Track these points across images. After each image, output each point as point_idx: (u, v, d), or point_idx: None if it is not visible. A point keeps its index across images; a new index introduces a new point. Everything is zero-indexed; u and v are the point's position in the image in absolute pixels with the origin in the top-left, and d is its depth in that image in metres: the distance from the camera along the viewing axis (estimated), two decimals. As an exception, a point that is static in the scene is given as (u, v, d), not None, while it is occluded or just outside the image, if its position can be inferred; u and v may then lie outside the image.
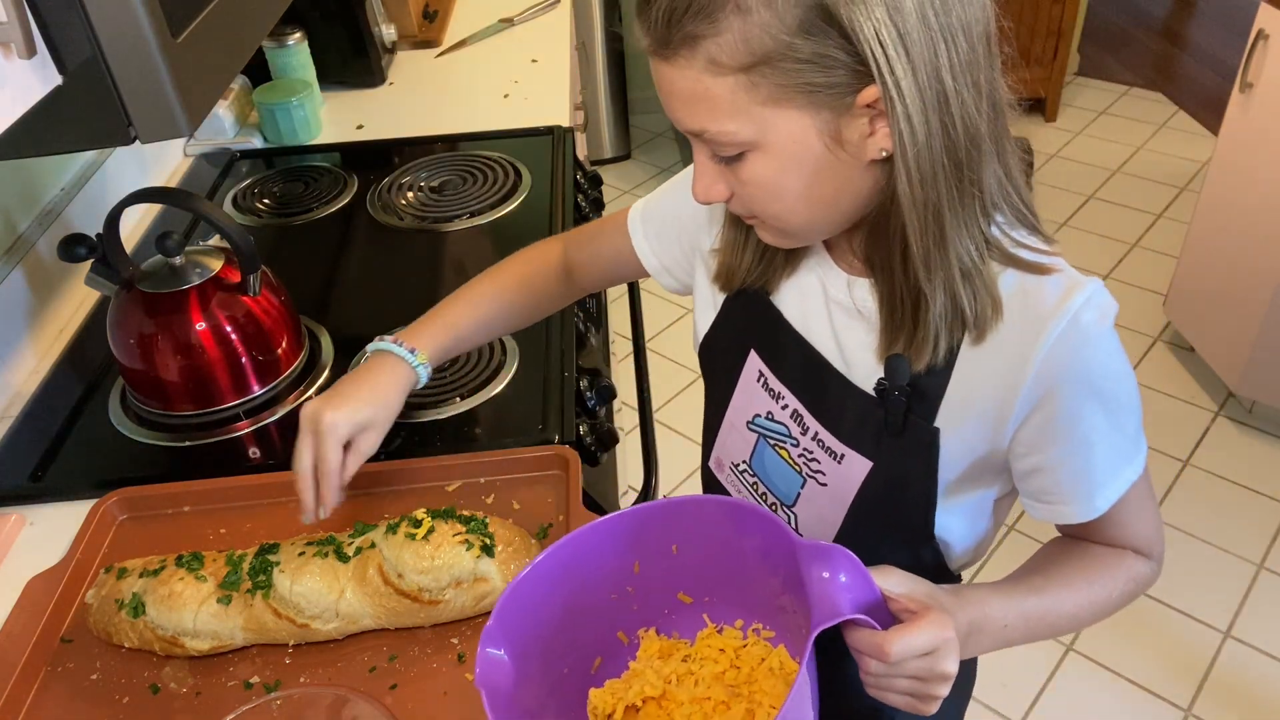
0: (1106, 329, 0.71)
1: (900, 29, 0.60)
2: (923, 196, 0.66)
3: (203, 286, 1.13)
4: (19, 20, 0.67)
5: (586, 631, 0.79)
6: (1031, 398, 0.71)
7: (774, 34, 0.61)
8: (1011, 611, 0.75)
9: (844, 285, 0.78)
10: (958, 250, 0.68)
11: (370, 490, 1.05)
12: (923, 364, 0.73)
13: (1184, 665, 1.94)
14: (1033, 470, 0.76)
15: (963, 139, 0.65)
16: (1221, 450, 2.39)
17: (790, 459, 0.86)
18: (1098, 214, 3.25)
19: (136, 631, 0.88)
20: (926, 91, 0.62)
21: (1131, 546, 0.80)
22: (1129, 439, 0.75)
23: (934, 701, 0.68)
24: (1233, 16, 4.46)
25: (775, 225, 0.73)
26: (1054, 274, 0.71)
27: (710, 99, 0.65)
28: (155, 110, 0.76)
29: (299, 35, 1.80)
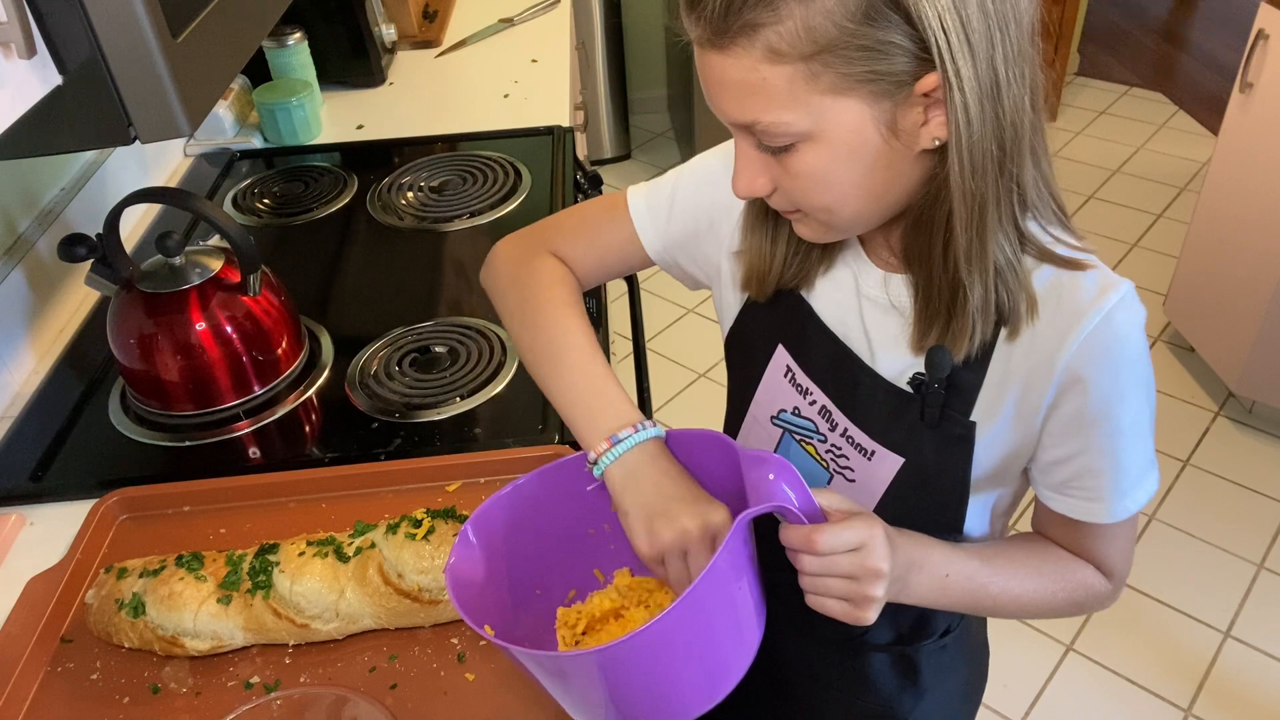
0: (1138, 330, 0.71)
1: (962, 15, 0.60)
2: (973, 187, 0.65)
3: (203, 286, 1.13)
4: (19, 20, 0.67)
5: (562, 562, 0.81)
6: (1062, 388, 0.72)
7: (838, 21, 0.59)
8: (955, 565, 0.76)
9: (878, 281, 0.78)
10: (998, 242, 0.68)
11: (370, 490, 1.05)
12: (960, 356, 0.72)
13: (1184, 665, 1.94)
14: (1056, 461, 0.76)
15: (1009, 130, 0.65)
16: (1221, 450, 2.39)
17: (817, 455, 0.85)
18: (1098, 214, 3.25)
19: (136, 631, 0.88)
20: (984, 80, 0.62)
21: (1097, 563, 0.80)
22: (1149, 453, 0.76)
23: (871, 605, 0.69)
24: (1233, 16, 4.46)
25: (822, 219, 0.72)
26: (1089, 270, 0.71)
27: (766, 89, 0.63)
28: (155, 110, 0.76)
29: (299, 35, 1.80)
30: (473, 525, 0.77)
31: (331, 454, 1.12)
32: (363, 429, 1.14)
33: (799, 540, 0.68)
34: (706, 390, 2.60)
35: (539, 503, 0.79)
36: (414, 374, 1.21)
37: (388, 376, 1.21)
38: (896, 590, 0.72)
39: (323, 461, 1.11)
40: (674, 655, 0.66)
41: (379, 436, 1.13)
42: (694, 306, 2.86)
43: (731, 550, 0.65)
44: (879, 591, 0.68)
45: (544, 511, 0.80)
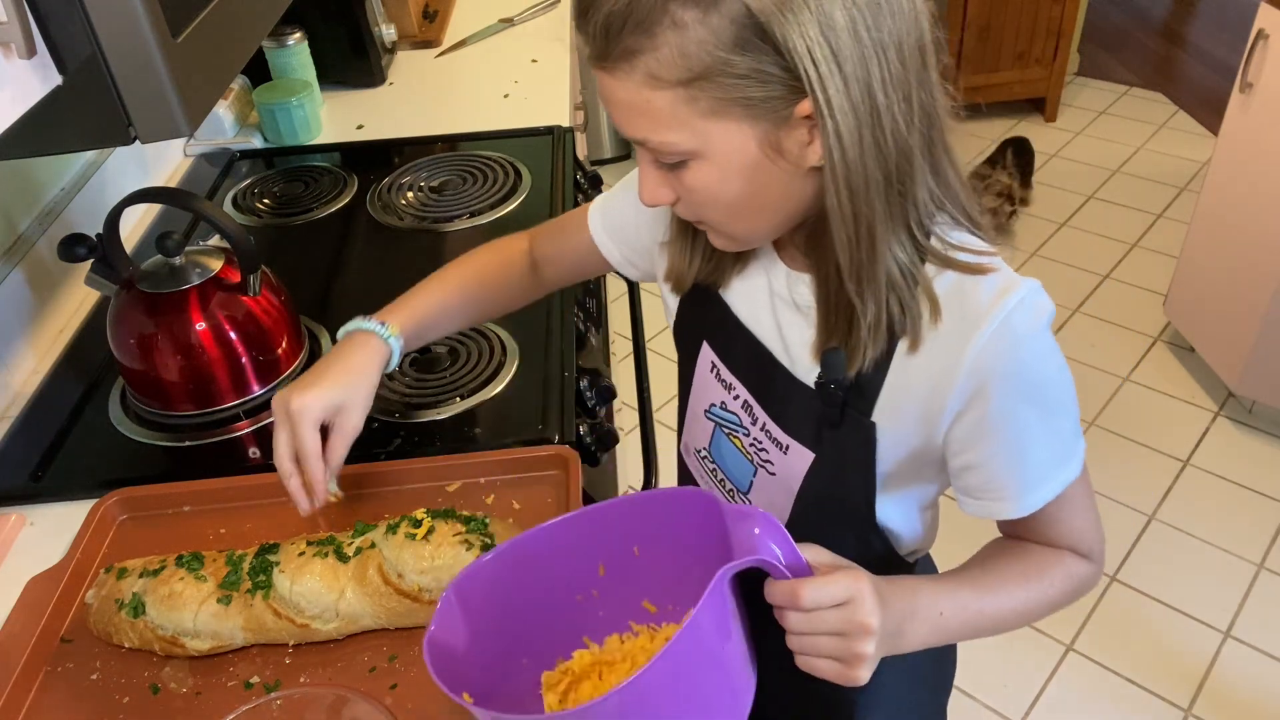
0: (1040, 330, 0.71)
1: (833, 45, 0.61)
2: (852, 209, 0.67)
3: (203, 286, 1.13)
4: (19, 20, 0.67)
5: (549, 630, 0.80)
6: (964, 395, 0.72)
7: (710, 50, 0.61)
8: (945, 601, 0.75)
9: (787, 281, 0.80)
10: (889, 261, 0.70)
11: (370, 490, 1.05)
12: (854, 366, 0.74)
13: (1184, 665, 1.94)
14: (966, 467, 0.77)
15: (894, 153, 0.66)
16: (1221, 450, 2.39)
17: (743, 448, 0.87)
18: (1098, 214, 3.25)
19: (136, 631, 0.88)
20: (859, 107, 0.64)
21: (1069, 546, 0.80)
22: (1064, 440, 0.76)
23: (863, 664, 0.67)
24: (1233, 16, 4.46)
25: (722, 230, 0.75)
26: (990, 274, 0.72)
27: (650, 111, 0.66)
28: (155, 110, 0.76)
29: (299, 35, 1.80)
30: (455, 589, 0.74)
31: (331, 454, 1.12)
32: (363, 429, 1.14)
33: (784, 595, 0.66)
34: (706, 390, 2.58)
35: (524, 567, 0.77)
36: (414, 374, 1.21)
37: (388, 376, 1.21)
38: (892, 644, 0.71)
39: (323, 461, 1.10)
40: (658, 712, 0.64)
41: (379, 436, 1.13)
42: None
43: (712, 605, 0.63)
44: (869, 648, 0.67)
45: (529, 576, 0.78)
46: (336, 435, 0.90)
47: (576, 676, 0.78)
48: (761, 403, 0.83)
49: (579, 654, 0.80)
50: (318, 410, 0.87)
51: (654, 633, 0.81)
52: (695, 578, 0.74)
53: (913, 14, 0.66)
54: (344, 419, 0.90)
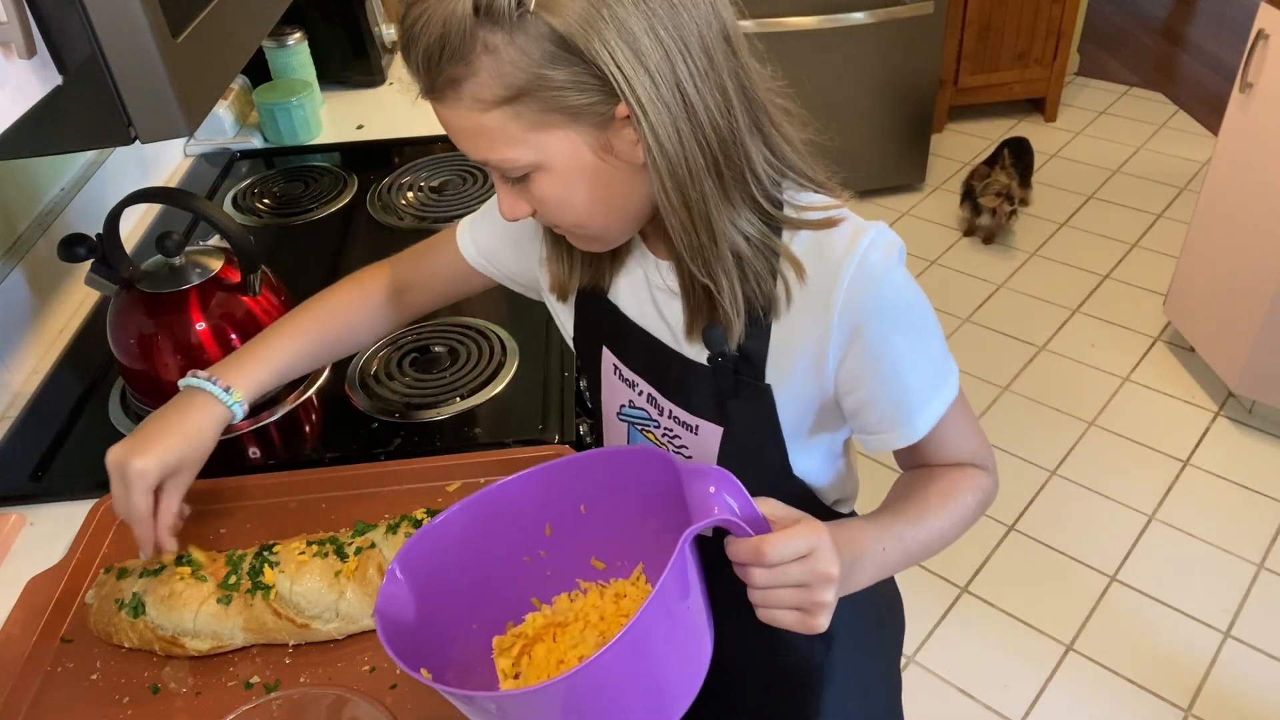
0: (894, 263, 0.75)
1: (634, 49, 0.65)
2: (680, 199, 0.70)
3: (203, 286, 1.13)
4: (19, 20, 0.67)
5: (499, 593, 0.81)
6: (840, 340, 0.76)
7: (524, 68, 0.65)
8: (885, 537, 0.78)
9: (659, 271, 0.83)
10: (736, 238, 0.73)
11: (370, 490, 1.05)
12: (732, 338, 0.77)
13: (1184, 665, 1.94)
14: (857, 408, 0.80)
15: (714, 141, 0.69)
16: (1221, 450, 2.39)
17: (657, 440, 0.90)
18: (1098, 214, 3.25)
19: (136, 631, 0.88)
20: (671, 102, 0.67)
21: (965, 461, 0.85)
22: (936, 362, 0.80)
23: (823, 611, 0.70)
24: (1233, 16, 4.46)
25: (579, 233, 0.79)
26: (840, 224, 0.76)
27: (484, 132, 0.69)
28: (155, 110, 0.76)
29: (299, 35, 1.80)
30: (400, 562, 0.75)
31: (331, 454, 1.12)
32: (363, 429, 1.14)
33: (747, 553, 0.68)
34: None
35: (469, 534, 0.78)
36: (414, 374, 1.21)
37: (388, 376, 1.21)
38: (844, 586, 0.73)
39: (323, 461, 1.11)
40: (622, 682, 0.64)
41: (379, 436, 1.13)
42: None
43: (677, 571, 0.64)
44: (830, 596, 0.69)
45: (475, 542, 0.79)
46: (168, 497, 0.90)
47: (530, 639, 0.79)
48: (663, 392, 0.86)
49: (531, 617, 0.81)
50: (154, 476, 0.87)
51: (603, 589, 0.82)
52: (646, 531, 0.77)
53: (709, 6, 0.68)
54: (176, 480, 0.90)
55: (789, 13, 2.90)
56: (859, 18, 2.92)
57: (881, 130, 3.21)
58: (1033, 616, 2.04)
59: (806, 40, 2.95)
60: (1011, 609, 2.06)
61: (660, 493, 0.73)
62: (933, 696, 1.91)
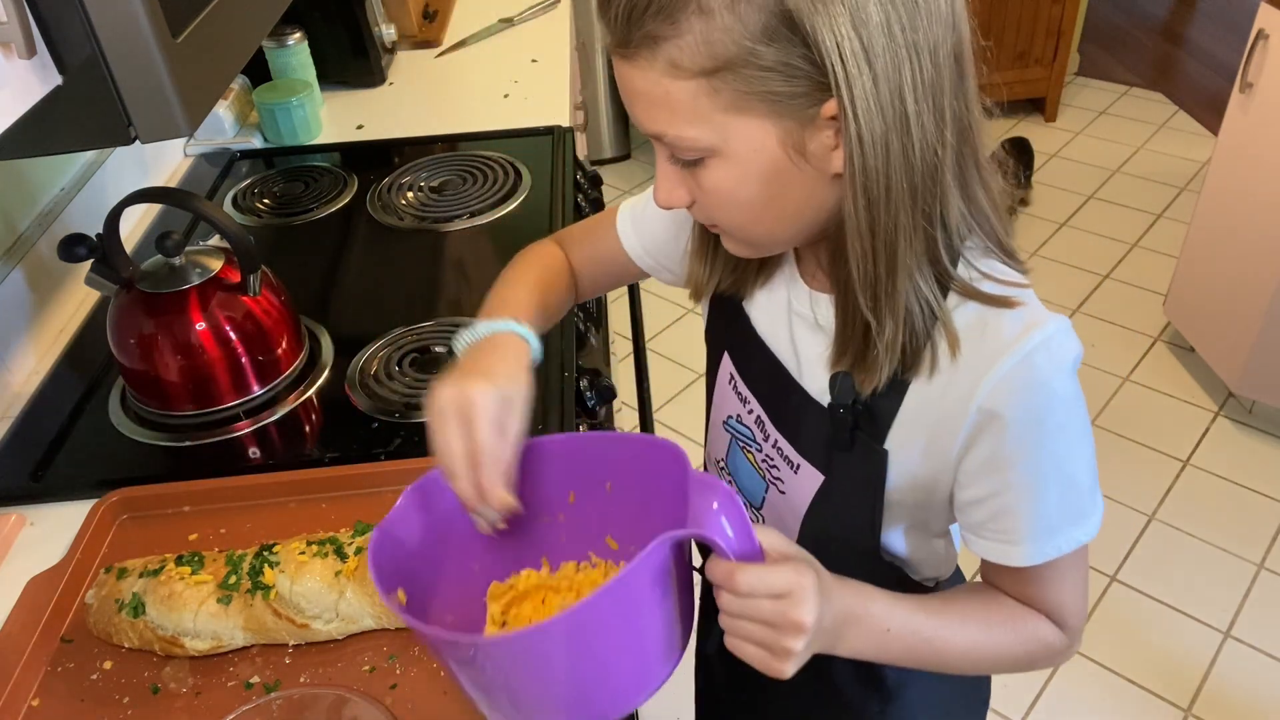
0: (1062, 371, 0.68)
1: (865, 42, 0.58)
2: (869, 221, 0.64)
3: (203, 286, 1.13)
4: (19, 20, 0.67)
5: (508, 542, 0.79)
6: (976, 429, 0.70)
7: (736, 39, 0.59)
8: (897, 619, 0.72)
9: (807, 299, 0.77)
10: (911, 280, 0.67)
11: (370, 490, 1.05)
12: (868, 388, 0.71)
13: (1184, 665, 1.94)
14: (972, 502, 0.74)
15: (920, 165, 0.63)
16: (1221, 450, 2.39)
17: (755, 463, 0.86)
18: (1098, 214, 3.25)
19: (136, 631, 0.88)
20: (887, 110, 0.60)
21: (1048, 611, 0.76)
22: (1080, 495, 0.72)
23: (788, 659, 0.65)
24: (1233, 16, 4.46)
25: (737, 235, 0.72)
26: (1017, 308, 0.69)
27: (670, 103, 0.63)
28: (155, 110, 0.76)
29: (299, 35, 1.80)
30: (419, 485, 0.73)
31: (331, 454, 1.12)
32: (363, 429, 1.14)
33: (721, 576, 0.64)
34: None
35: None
36: (414, 374, 1.21)
37: (388, 376, 1.21)
38: (828, 643, 0.69)
39: (323, 461, 1.11)
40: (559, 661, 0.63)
41: (379, 436, 1.13)
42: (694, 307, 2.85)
43: (647, 565, 0.62)
44: (798, 645, 0.64)
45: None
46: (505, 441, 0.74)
47: (520, 594, 0.77)
48: (774, 420, 0.81)
49: (527, 572, 0.79)
50: (497, 406, 0.72)
51: (609, 569, 0.80)
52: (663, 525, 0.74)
53: (951, 18, 0.62)
54: (511, 422, 0.74)
55: (789, 13, 2.89)
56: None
57: (881, 130, 3.21)
58: (1033, 616, 2.04)
59: (806, 40, 2.94)
60: (1011, 609, 2.06)
61: (679, 495, 0.71)
62: (933, 696, 1.91)
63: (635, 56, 0.62)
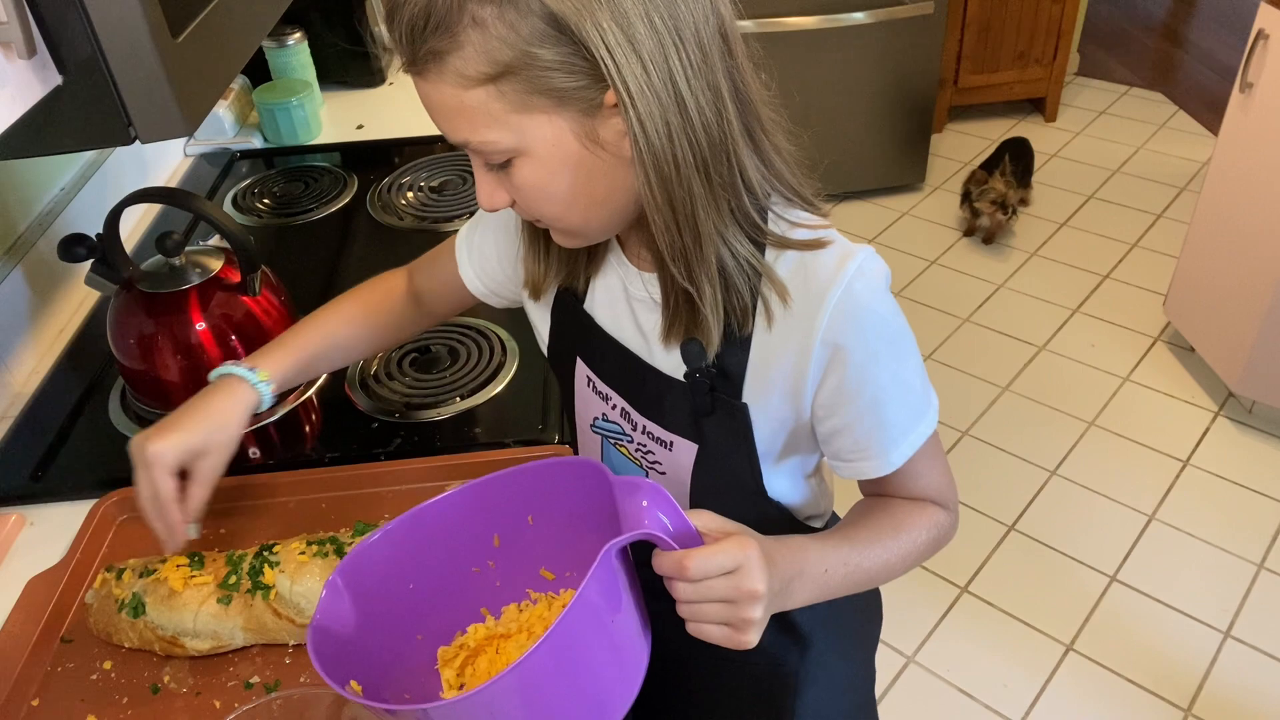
0: (880, 291, 0.74)
1: (628, 33, 0.63)
2: (665, 196, 0.68)
3: (203, 286, 1.13)
4: (19, 20, 0.67)
5: (447, 603, 0.80)
6: (821, 364, 0.75)
7: (512, 44, 0.63)
8: (829, 558, 0.77)
9: (639, 281, 0.81)
10: (718, 246, 0.71)
11: (370, 490, 1.05)
12: (711, 350, 0.76)
13: (1184, 665, 1.94)
14: (832, 432, 0.79)
15: (704, 141, 0.67)
16: (1221, 450, 2.39)
17: (630, 455, 0.89)
18: (1098, 214, 3.25)
19: (136, 631, 0.88)
20: (661, 93, 0.65)
21: (929, 498, 0.83)
22: (917, 395, 0.79)
23: (752, 628, 0.68)
24: (1233, 16, 4.46)
25: (560, 226, 0.76)
26: (827, 246, 0.74)
27: (466, 111, 0.66)
28: (155, 110, 0.76)
29: (299, 35, 1.80)
30: (341, 574, 0.74)
31: (331, 454, 1.12)
32: (363, 429, 1.14)
33: (671, 567, 0.66)
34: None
35: (414, 546, 0.77)
36: (414, 374, 1.21)
37: (388, 376, 1.21)
38: (779, 603, 0.72)
39: (323, 461, 1.11)
40: (547, 693, 0.64)
41: (379, 436, 1.13)
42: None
43: (599, 579, 0.63)
44: (757, 613, 0.67)
45: (420, 554, 0.78)
46: (195, 482, 0.89)
47: (472, 651, 0.78)
48: (637, 406, 0.85)
49: (473, 628, 0.80)
50: (171, 457, 0.86)
51: (552, 600, 0.81)
52: (590, 544, 0.74)
53: (708, 1, 0.67)
54: (203, 464, 0.89)
55: (789, 13, 2.90)
56: (859, 18, 2.92)
57: (881, 130, 3.21)
58: (1033, 616, 2.04)
59: (806, 40, 2.95)
60: (1011, 609, 2.06)
61: (603, 504, 0.72)
62: (933, 696, 1.91)
63: (425, 72, 0.66)
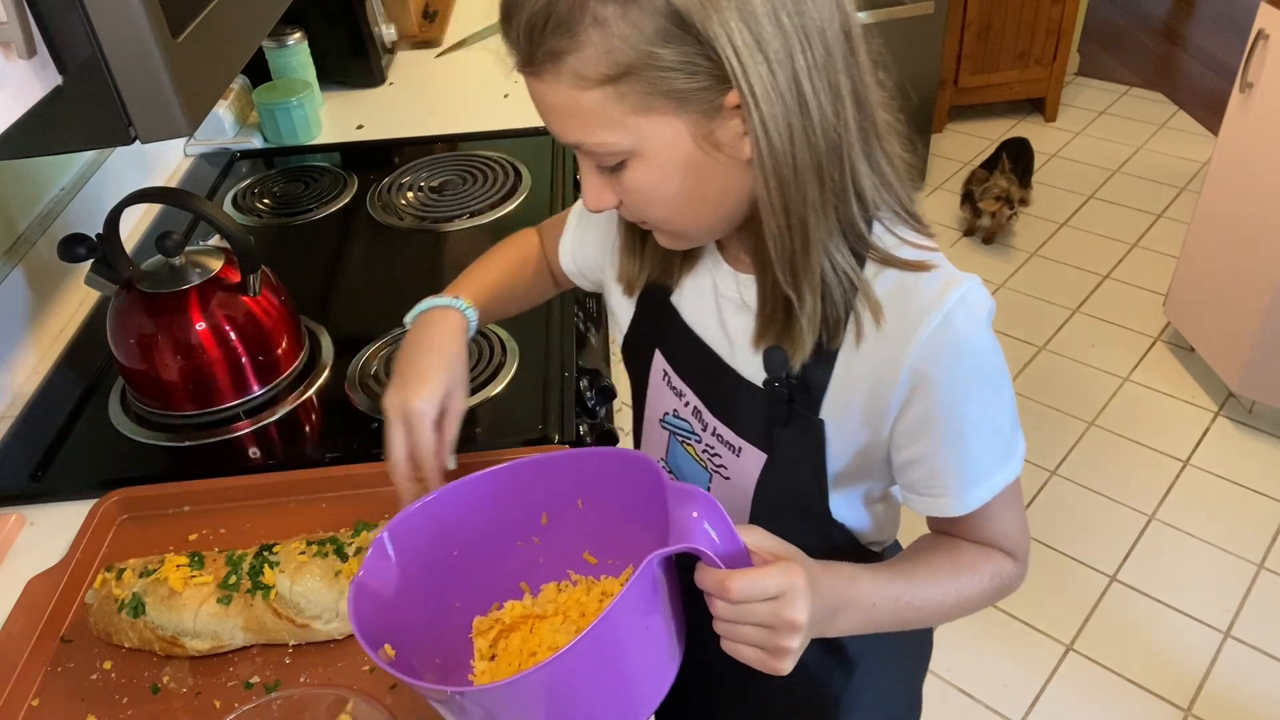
0: (980, 326, 0.72)
1: (755, 32, 0.61)
2: (781, 201, 0.67)
3: (203, 286, 1.13)
4: (19, 20, 0.67)
5: (487, 573, 0.80)
6: (906, 391, 0.73)
7: (634, 44, 0.61)
8: (880, 592, 0.75)
9: (732, 282, 0.80)
10: (827, 254, 0.70)
11: (370, 490, 1.05)
12: (797, 360, 0.74)
13: (1184, 665, 1.94)
14: (909, 462, 0.77)
15: (823, 142, 0.66)
16: (1221, 450, 2.39)
17: (697, 455, 0.88)
18: (1098, 214, 3.25)
19: (136, 631, 0.88)
20: (786, 94, 0.63)
21: (998, 545, 0.80)
22: (1005, 439, 0.76)
23: (786, 656, 0.67)
24: (1233, 16, 4.46)
25: (666, 229, 0.75)
26: (932, 270, 0.72)
27: (581, 112, 0.65)
28: (155, 110, 0.76)
29: (299, 35, 1.80)
30: (389, 532, 0.74)
31: (331, 454, 1.12)
32: (363, 429, 1.14)
33: (713, 585, 0.65)
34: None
35: (465, 513, 0.78)
36: (414, 374, 1.21)
37: (388, 376, 1.21)
38: (820, 631, 0.71)
39: (323, 461, 1.11)
40: (570, 693, 0.64)
41: (379, 436, 1.12)
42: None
43: (640, 588, 0.63)
44: (794, 643, 0.66)
45: (470, 520, 0.78)
46: (450, 420, 0.88)
47: (507, 626, 0.79)
48: (710, 407, 0.84)
49: (510, 604, 0.80)
50: (434, 410, 0.86)
51: (591, 585, 0.81)
52: (638, 536, 0.75)
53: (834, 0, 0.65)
54: (452, 403, 0.88)
55: (789, 13, 2.89)
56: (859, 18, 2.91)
57: (881, 130, 3.21)
58: (1032, 616, 2.04)
59: (806, 40, 2.94)
60: (1011, 609, 2.06)
61: (654, 502, 0.71)
62: (932, 696, 1.91)
63: (541, 73, 0.65)
